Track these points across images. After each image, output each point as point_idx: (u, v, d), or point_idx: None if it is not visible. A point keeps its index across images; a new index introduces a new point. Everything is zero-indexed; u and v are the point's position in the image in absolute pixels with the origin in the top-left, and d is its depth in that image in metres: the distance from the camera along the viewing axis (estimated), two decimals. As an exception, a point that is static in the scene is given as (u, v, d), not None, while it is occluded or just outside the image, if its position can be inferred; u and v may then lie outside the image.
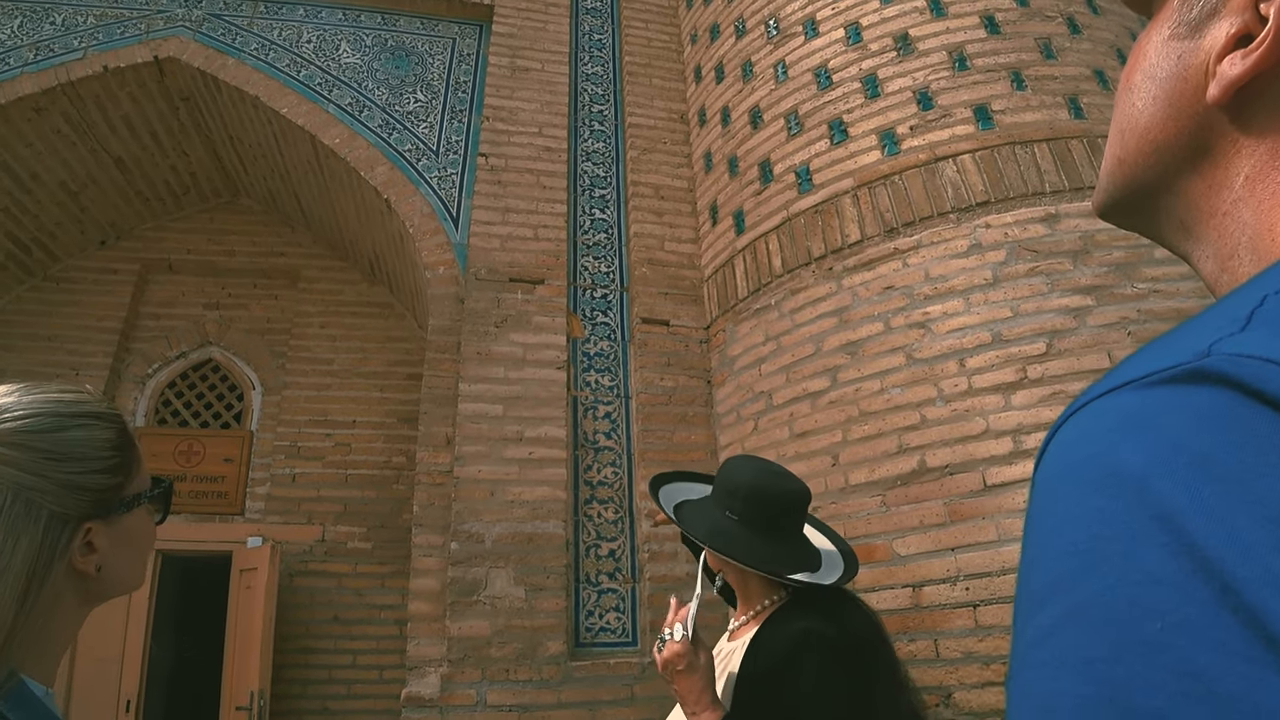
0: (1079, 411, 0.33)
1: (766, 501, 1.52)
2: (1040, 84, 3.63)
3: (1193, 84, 0.41)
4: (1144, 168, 0.45)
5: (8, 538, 0.71)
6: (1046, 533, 0.31)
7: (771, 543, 1.50)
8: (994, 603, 2.91)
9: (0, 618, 0.69)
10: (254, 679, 4.45)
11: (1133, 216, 0.48)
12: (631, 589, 3.87)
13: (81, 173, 5.36)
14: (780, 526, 1.54)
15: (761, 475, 1.57)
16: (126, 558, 0.84)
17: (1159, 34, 0.44)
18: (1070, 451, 0.32)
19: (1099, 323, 3.14)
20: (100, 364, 5.50)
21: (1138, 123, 0.45)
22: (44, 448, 0.76)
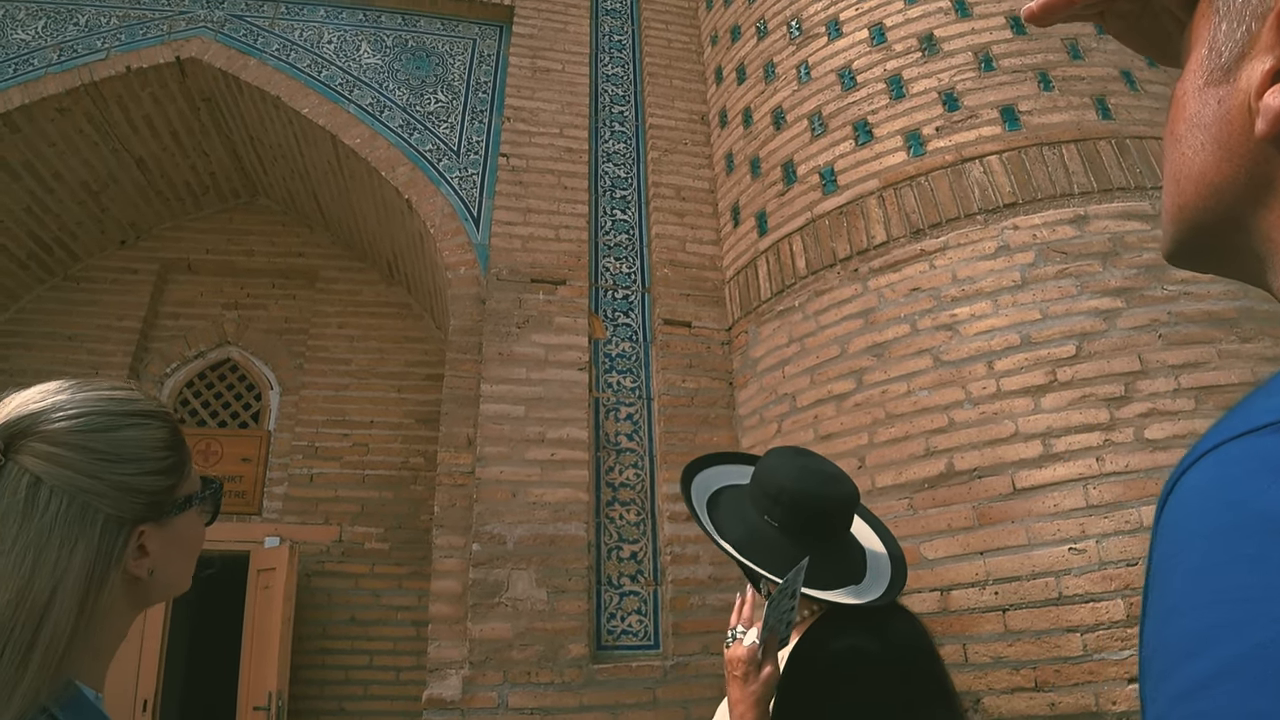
0: (1206, 456, 0.32)
1: (809, 510, 1.42)
2: (1067, 85, 3.61)
3: (1238, 124, 0.42)
4: (1205, 210, 0.45)
5: (65, 543, 0.69)
6: (1189, 580, 0.30)
7: (813, 551, 1.38)
8: (1023, 607, 2.88)
9: (60, 626, 0.67)
10: (272, 679, 4.45)
11: (1201, 257, 0.49)
12: (654, 592, 3.86)
13: (103, 172, 5.39)
14: (822, 535, 1.44)
15: (805, 479, 1.44)
16: (177, 560, 0.83)
17: (1193, 83, 0.45)
18: (1207, 497, 0.31)
19: (1129, 325, 3.12)
20: (119, 363, 5.52)
21: (1192, 169, 0.45)
22: (99, 449, 0.74)
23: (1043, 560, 2.89)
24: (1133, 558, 2.77)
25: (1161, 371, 3.01)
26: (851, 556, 1.49)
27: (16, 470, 0.70)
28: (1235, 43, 0.41)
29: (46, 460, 0.70)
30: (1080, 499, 2.90)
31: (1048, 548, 2.90)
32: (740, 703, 1.24)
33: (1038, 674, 2.80)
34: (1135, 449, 2.91)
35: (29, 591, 0.66)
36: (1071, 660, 2.75)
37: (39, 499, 0.69)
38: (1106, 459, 2.92)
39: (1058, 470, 2.97)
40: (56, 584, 0.68)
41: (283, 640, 4.52)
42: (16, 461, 0.70)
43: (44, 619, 0.66)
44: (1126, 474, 2.88)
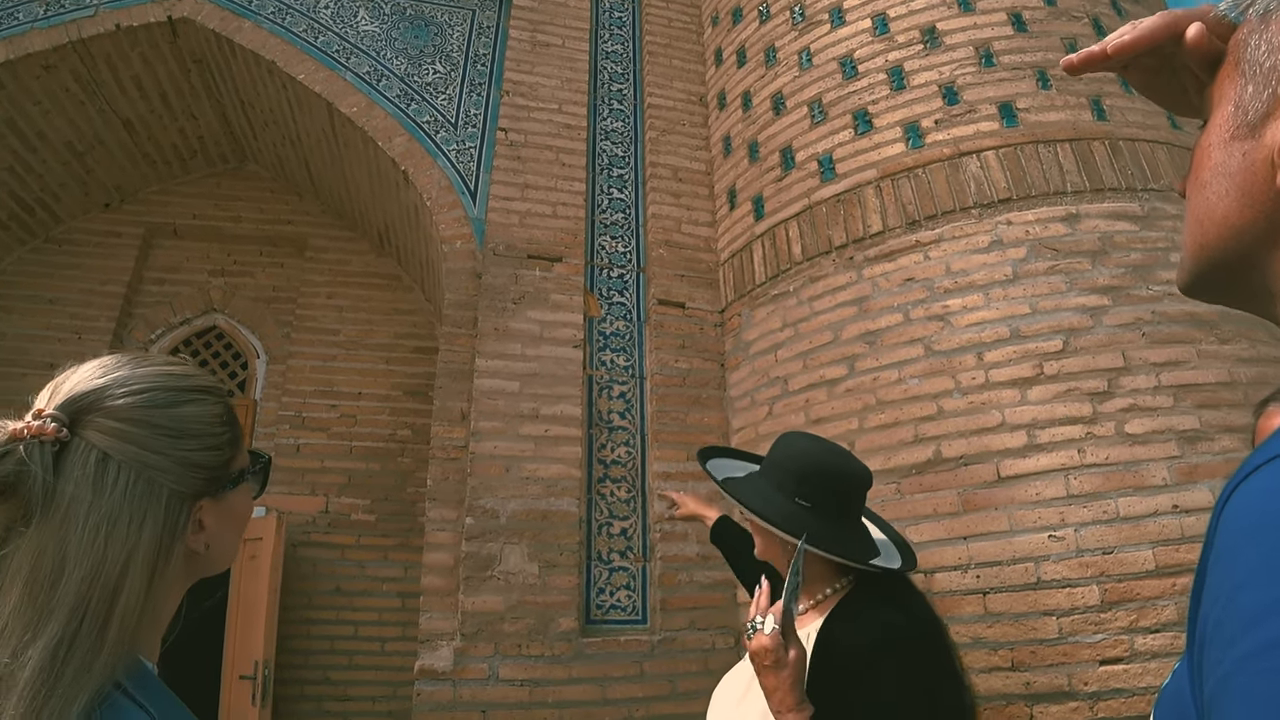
0: (1270, 464, 0.39)
1: (840, 486, 1.50)
2: (1065, 84, 3.67)
3: (1261, 175, 0.48)
4: (1226, 250, 0.52)
5: (134, 518, 0.70)
6: (1258, 562, 0.36)
7: (844, 528, 1.48)
8: (1003, 591, 2.99)
9: (132, 600, 0.68)
10: (258, 649, 4.45)
11: (1216, 290, 0.56)
12: (642, 568, 3.93)
13: (88, 133, 5.28)
14: (848, 510, 1.52)
15: (829, 455, 1.52)
16: (229, 534, 0.83)
17: (1219, 136, 0.52)
18: (1273, 496, 0.37)
19: (1115, 323, 3.22)
20: (103, 328, 5.44)
21: (1215, 211, 0.52)
22: (163, 424, 0.75)
23: (1023, 546, 2.99)
24: (1108, 546, 2.88)
25: (1143, 368, 3.12)
26: (869, 534, 1.56)
27: (84, 446, 0.70)
28: (1261, 103, 0.48)
29: (113, 436, 0.71)
30: (1061, 488, 3.01)
31: (1028, 534, 3.00)
32: (777, 689, 1.27)
33: (1015, 655, 2.91)
34: (1115, 442, 3.02)
35: (103, 567, 0.67)
36: (1047, 642, 2.87)
37: (107, 475, 0.70)
38: (1088, 451, 3.03)
39: (1041, 460, 3.07)
40: (128, 559, 0.69)
41: (269, 610, 4.53)
42: (83, 438, 0.71)
43: (117, 593, 0.68)
44: (1106, 466, 2.99)
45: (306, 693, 4.87)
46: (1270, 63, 0.48)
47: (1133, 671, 2.73)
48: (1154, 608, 2.78)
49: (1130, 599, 2.80)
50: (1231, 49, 0.53)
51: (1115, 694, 2.73)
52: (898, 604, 1.40)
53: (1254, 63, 0.50)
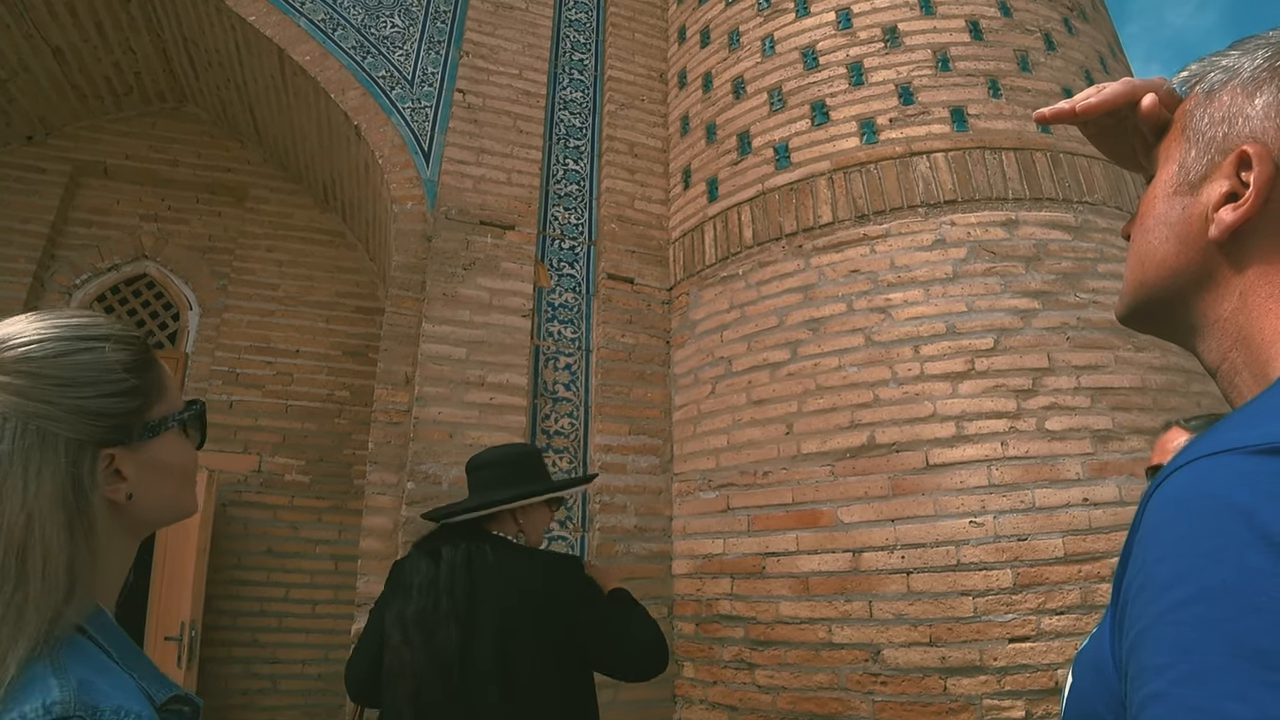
0: (1193, 463, 0.47)
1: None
2: (1014, 94, 3.83)
3: (1196, 227, 0.59)
4: (1162, 288, 0.62)
5: (29, 468, 0.69)
6: (1175, 540, 0.46)
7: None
8: (926, 571, 3.17)
9: (52, 550, 0.69)
10: (185, 609, 4.36)
11: (1149, 321, 0.66)
12: (581, 538, 4.00)
13: (12, 58, 4.95)
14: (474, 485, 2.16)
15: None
16: (162, 485, 0.82)
17: (1163, 190, 0.63)
18: (1193, 489, 0.46)
19: (1043, 325, 3.40)
20: (22, 269, 5.15)
21: (1155, 254, 0.62)
22: (50, 374, 0.73)
23: (946, 530, 3.17)
24: (1023, 533, 3.08)
25: (1066, 370, 3.32)
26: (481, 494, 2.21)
27: None
28: (1202, 166, 0.59)
29: (1, 390, 0.71)
30: (984, 478, 3.19)
31: (951, 519, 3.18)
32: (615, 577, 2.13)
33: (933, 631, 3.10)
34: (1035, 437, 3.22)
35: (2, 518, 0.67)
36: (963, 620, 3.06)
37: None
38: (1010, 444, 3.22)
39: (967, 451, 3.25)
40: (31, 510, 0.68)
41: (197, 570, 4.43)
42: None
43: (27, 544, 0.68)
44: (1026, 459, 3.19)
45: (234, 655, 4.80)
46: (1211, 133, 0.58)
47: (1038, 649, 2.94)
48: (1061, 591, 2.99)
49: (1040, 583, 3.01)
50: (1178, 118, 0.63)
51: (1021, 669, 2.94)
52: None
53: (1197, 131, 0.60)
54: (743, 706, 3.50)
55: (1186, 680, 0.41)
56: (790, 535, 3.51)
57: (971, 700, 2.96)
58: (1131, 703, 0.45)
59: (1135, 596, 0.47)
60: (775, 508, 3.59)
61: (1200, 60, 0.63)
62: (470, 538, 1.95)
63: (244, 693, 4.80)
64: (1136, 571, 0.48)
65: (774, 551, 3.55)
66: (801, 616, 3.39)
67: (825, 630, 3.31)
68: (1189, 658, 0.41)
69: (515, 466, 2.11)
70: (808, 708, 3.28)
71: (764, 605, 3.52)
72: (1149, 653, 0.44)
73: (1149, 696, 0.43)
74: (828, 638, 3.29)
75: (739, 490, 3.76)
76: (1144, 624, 0.45)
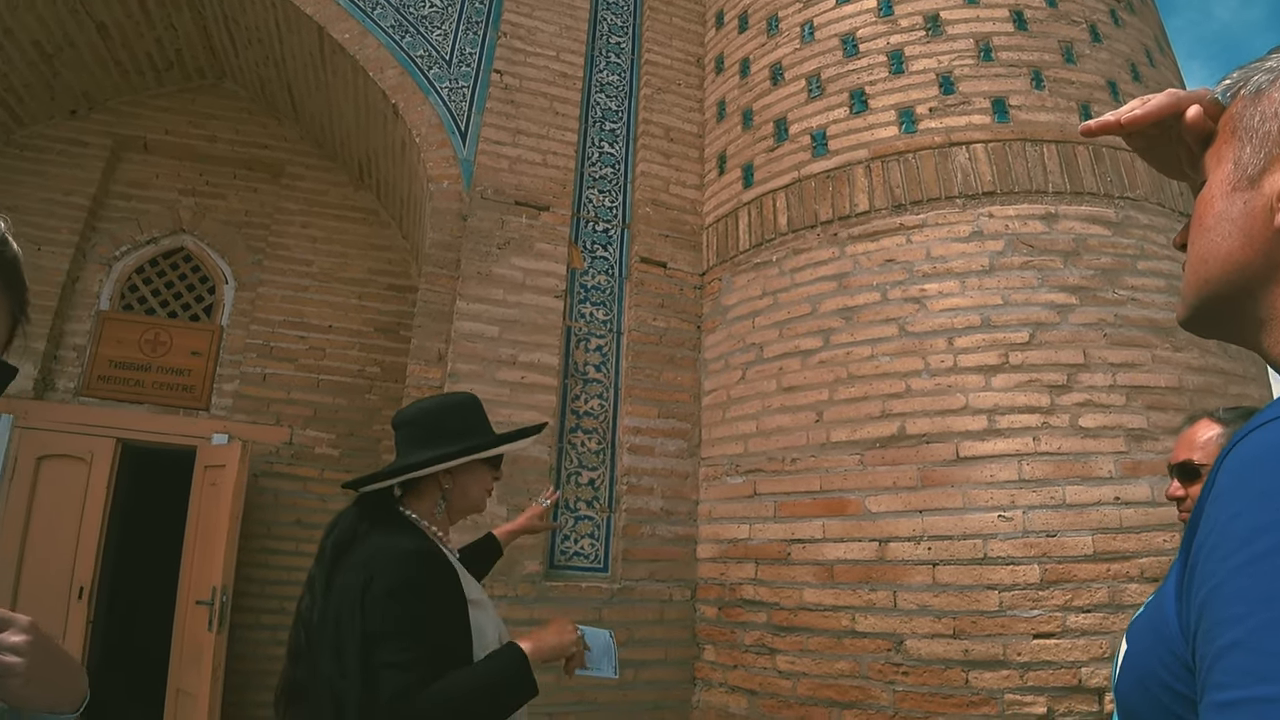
0: (1269, 424, 0.49)
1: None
2: (1058, 86, 3.78)
3: (1260, 219, 0.60)
4: (1227, 284, 0.63)
5: None
6: (1252, 496, 0.47)
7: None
8: (952, 563, 3.17)
9: None
10: (216, 575, 4.45)
11: (1213, 321, 0.67)
12: (607, 518, 4.04)
13: (59, 34, 5.03)
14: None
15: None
16: None
17: (1220, 190, 0.64)
18: (1270, 448, 0.48)
19: (1079, 321, 3.37)
20: (64, 240, 5.25)
21: (1219, 251, 0.63)
22: None
23: (974, 523, 3.17)
24: (1052, 530, 3.07)
25: (1101, 367, 3.29)
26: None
27: None
28: (1260, 161, 0.61)
29: None
30: (1014, 472, 3.18)
31: (980, 513, 3.18)
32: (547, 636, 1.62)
33: (957, 623, 3.10)
34: (1068, 434, 3.20)
35: None
36: (987, 614, 3.06)
37: None
38: (1042, 439, 3.20)
39: (998, 444, 3.24)
40: None
41: (230, 537, 4.52)
42: None
43: None
44: (1058, 455, 3.17)
45: (263, 621, 4.90)
46: (1265, 129, 0.60)
47: (1063, 646, 2.94)
48: (1088, 589, 2.98)
49: (1067, 580, 3.00)
50: (1225, 123, 0.65)
51: (1045, 665, 2.94)
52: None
53: (1250, 129, 0.61)
54: (762, 691, 3.53)
55: (1267, 627, 0.42)
56: (817, 522, 3.52)
57: (993, 694, 2.97)
58: (1204, 656, 0.46)
59: (1208, 554, 0.49)
60: (802, 495, 3.60)
61: (1240, 68, 0.65)
62: (359, 519, 1.61)
63: (271, 659, 4.90)
64: (1209, 531, 0.49)
65: (800, 538, 3.56)
66: (825, 604, 3.40)
67: (848, 618, 3.32)
68: (1270, 606, 0.42)
69: (437, 423, 1.70)
70: (828, 695, 3.30)
71: (787, 591, 3.54)
72: (1225, 604, 0.45)
73: (1226, 646, 0.44)
74: (851, 626, 3.31)
75: (766, 476, 3.77)
76: (1219, 579, 0.46)
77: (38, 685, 0.74)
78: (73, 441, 4.90)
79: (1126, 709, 0.68)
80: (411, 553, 1.49)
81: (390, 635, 1.38)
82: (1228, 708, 0.43)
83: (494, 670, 1.42)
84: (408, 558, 1.48)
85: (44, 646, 0.76)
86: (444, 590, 1.49)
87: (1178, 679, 0.57)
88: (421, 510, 1.66)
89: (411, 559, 1.48)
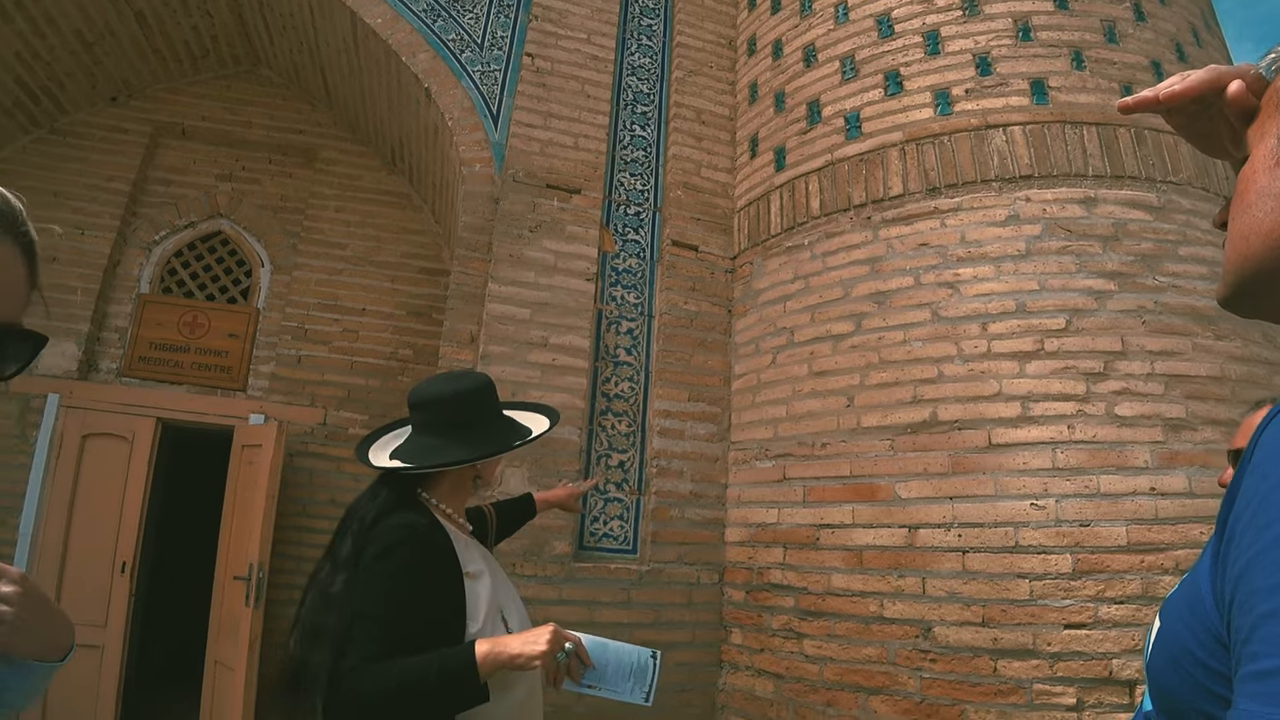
0: None
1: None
2: (1099, 67, 3.69)
3: None
4: (1270, 260, 0.61)
5: None
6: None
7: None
8: (982, 551, 3.14)
9: None
10: (254, 551, 4.56)
11: (1254, 300, 0.65)
12: (636, 500, 4.07)
13: (99, 22, 5.12)
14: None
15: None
16: None
17: (1264, 164, 0.62)
18: None
19: (1118, 308, 3.31)
20: (107, 225, 5.37)
21: (1261, 227, 0.61)
22: None
23: (1005, 511, 3.14)
24: (1086, 519, 3.03)
25: (1140, 355, 3.23)
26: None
27: None
28: None
29: None
30: (1048, 460, 3.14)
31: (1011, 501, 3.14)
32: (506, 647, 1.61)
33: (986, 612, 3.08)
34: (1104, 422, 3.15)
35: None
36: (1017, 603, 3.03)
37: None
38: (1077, 428, 3.16)
39: (1031, 432, 3.20)
40: None
41: (266, 515, 4.62)
42: None
43: None
44: (1092, 444, 3.12)
45: (296, 597, 4.98)
46: None
47: (1094, 637, 2.91)
48: (1121, 580, 2.94)
49: (1100, 570, 2.96)
50: (1269, 98, 0.63)
51: (1075, 656, 2.91)
52: None
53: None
54: (789, 675, 3.54)
55: None
56: (846, 508, 3.51)
57: (1021, 683, 2.95)
58: (1239, 628, 0.46)
59: (1245, 528, 0.48)
60: (832, 480, 3.60)
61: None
62: (374, 496, 1.68)
63: (306, 635, 5.02)
64: (1246, 504, 0.49)
65: (828, 523, 3.56)
66: (853, 589, 3.40)
67: (877, 604, 3.32)
68: None
69: (456, 411, 1.75)
70: (855, 680, 3.31)
71: (815, 576, 3.54)
72: (1262, 576, 0.45)
73: (1263, 616, 0.44)
74: (879, 611, 3.31)
75: (796, 461, 3.77)
76: (1255, 551, 0.46)
77: (26, 634, 0.80)
78: (115, 421, 5.04)
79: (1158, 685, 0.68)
80: (406, 530, 1.56)
81: (367, 609, 1.45)
82: (1265, 677, 0.42)
83: (442, 664, 1.43)
84: (402, 537, 1.54)
85: (33, 598, 0.81)
86: (435, 568, 1.56)
87: (1211, 655, 0.57)
88: (439, 492, 1.75)
89: (406, 537, 1.54)
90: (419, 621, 1.48)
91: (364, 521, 1.61)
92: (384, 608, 1.46)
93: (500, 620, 1.65)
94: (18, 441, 4.87)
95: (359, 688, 1.38)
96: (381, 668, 1.40)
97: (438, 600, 1.54)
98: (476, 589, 1.62)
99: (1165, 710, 0.67)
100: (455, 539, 1.66)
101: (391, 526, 1.56)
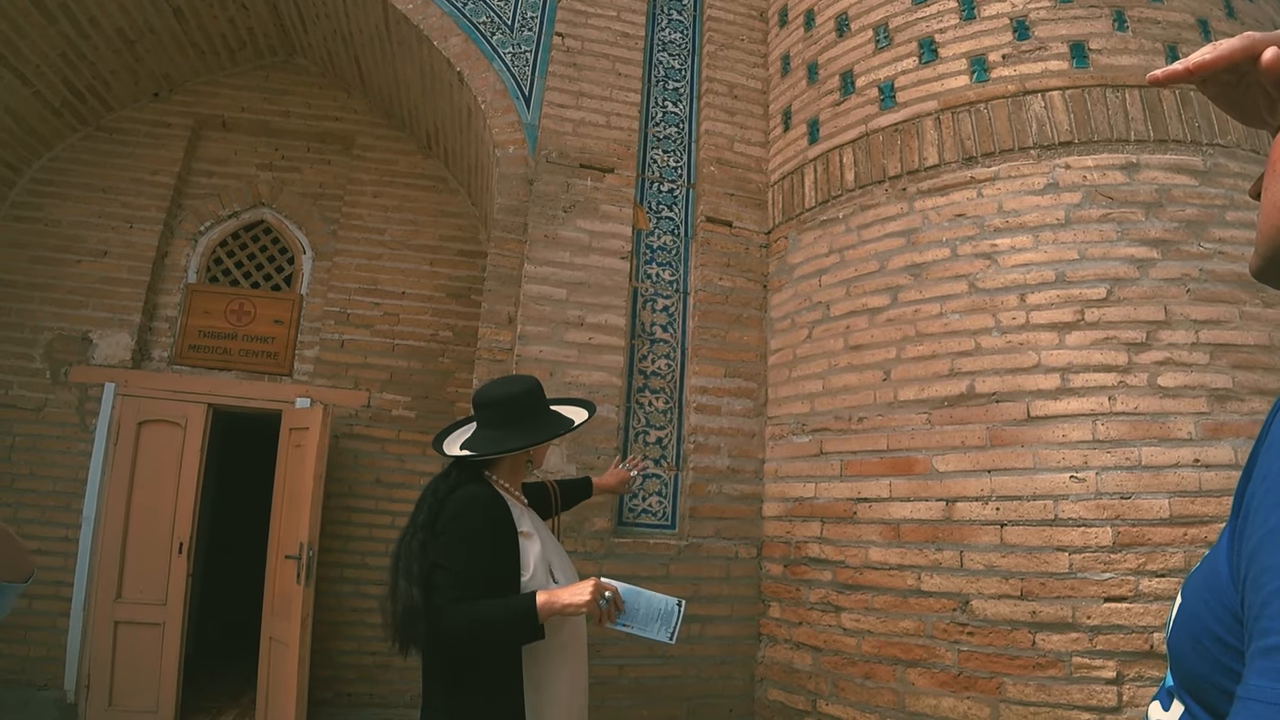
0: None
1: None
2: (1142, 27, 3.58)
3: None
4: None
5: None
6: None
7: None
8: (1020, 524, 3.13)
9: None
10: (303, 531, 4.71)
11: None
12: (674, 476, 4.12)
13: (139, 20, 5.24)
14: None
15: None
16: None
17: None
18: None
19: (1161, 276, 3.23)
20: (153, 218, 5.54)
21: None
22: None
23: (1044, 484, 3.11)
24: (1126, 492, 2.99)
25: (1183, 324, 3.16)
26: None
27: None
28: None
29: None
30: (1088, 432, 3.10)
31: (1050, 473, 3.12)
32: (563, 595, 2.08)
33: (1025, 585, 3.07)
34: (1146, 393, 3.09)
35: None
36: (1056, 576, 3.02)
37: None
38: (1118, 399, 3.11)
39: (1071, 404, 3.16)
40: None
41: (314, 496, 4.77)
42: None
43: None
44: (1134, 415, 3.07)
45: (346, 575, 5.19)
46: None
47: (1134, 611, 2.88)
48: (1163, 553, 2.90)
49: (1141, 543, 2.93)
50: None
51: (1115, 629, 2.89)
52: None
53: None
54: (827, 648, 3.58)
55: None
56: (883, 481, 3.52)
57: (1060, 657, 2.94)
58: (1252, 604, 0.47)
59: (1260, 504, 0.49)
60: (869, 454, 3.60)
61: None
62: (447, 474, 2.16)
63: (354, 610, 5.19)
64: (1261, 480, 0.50)
65: (865, 497, 3.57)
66: (891, 563, 3.41)
67: (914, 577, 3.33)
68: None
69: (513, 409, 2.24)
70: (892, 653, 3.33)
71: (853, 550, 3.56)
72: (1274, 552, 0.46)
73: (1274, 592, 0.44)
74: (916, 585, 3.32)
75: (833, 435, 3.78)
76: (1269, 528, 0.47)
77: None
78: (168, 407, 5.23)
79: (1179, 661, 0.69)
80: (474, 501, 2.04)
81: (442, 559, 1.93)
82: (1274, 653, 0.43)
83: (509, 607, 1.89)
84: (470, 506, 2.02)
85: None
86: (496, 530, 2.02)
87: (1229, 631, 0.57)
88: (500, 472, 2.23)
89: (473, 506, 2.03)
90: (483, 570, 1.93)
91: (438, 494, 2.06)
92: (455, 559, 1.91)
93: (549, 572, 2.07)
94: (78, 430, 5.09)
95: (445, 622, 1.84)
96: (461, 607, 1.85)
97: (497, 554, 1.99)
98: (528, 546, 2.06)
99: (1185, 686, 0.67)
100: (513, 507, 2.11)
101: (461, 498, 2.03)
